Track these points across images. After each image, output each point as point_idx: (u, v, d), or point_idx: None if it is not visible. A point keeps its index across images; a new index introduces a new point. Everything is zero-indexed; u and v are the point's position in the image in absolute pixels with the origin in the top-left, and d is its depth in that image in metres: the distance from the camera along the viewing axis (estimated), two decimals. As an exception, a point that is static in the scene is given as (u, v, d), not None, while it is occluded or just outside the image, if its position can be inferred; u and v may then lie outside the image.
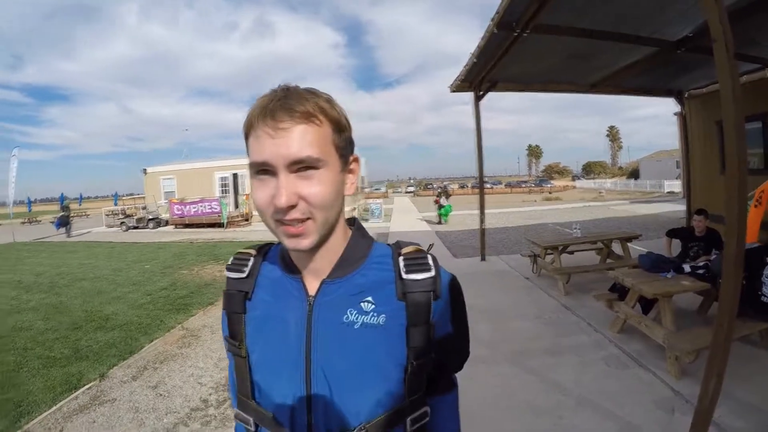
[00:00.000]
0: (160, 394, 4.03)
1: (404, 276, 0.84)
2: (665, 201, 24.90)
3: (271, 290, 0.90)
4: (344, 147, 0.82)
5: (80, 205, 41.42)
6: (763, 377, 3.61)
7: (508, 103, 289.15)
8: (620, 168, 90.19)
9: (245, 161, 0.76)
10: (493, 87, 8.35)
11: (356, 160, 0.87)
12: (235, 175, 23.70)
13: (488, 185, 57.11)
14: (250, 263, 0.94)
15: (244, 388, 0.89)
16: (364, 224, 1.00)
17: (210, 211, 20.54)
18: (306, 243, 0.78)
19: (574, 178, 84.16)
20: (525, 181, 73.28)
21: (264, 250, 0.98)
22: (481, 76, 7.71)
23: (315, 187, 0.75)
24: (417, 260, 0.87)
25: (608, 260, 7.17)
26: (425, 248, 0.92)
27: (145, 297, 7.59)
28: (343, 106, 0.83)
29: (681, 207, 13.66)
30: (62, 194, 33.76)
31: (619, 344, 4.42)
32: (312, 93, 0.78)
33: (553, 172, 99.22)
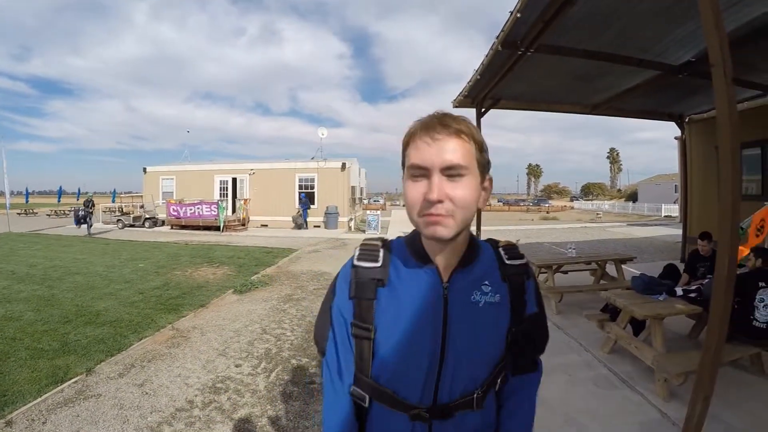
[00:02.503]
0: (146, 393, 4.00)
1: (507, 262, 1.08)
2: (662, 225, 24.95)
3: (405, 278, 1.04)
4: (484, 165, 0.98)
5: (78, 199, 41.30)
6: (752, 403, 3.60)
7: (511, 121, 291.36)
8: (619, 190, 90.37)
9: (245, 166, 0.82)
10: (495, 104, 8.42)
11: (490, 180, 1.03)
12: (234, 180, 23.70)
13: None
14: (381, 254, 1.08)
15: (365, 367, 1.04)
16: (361, 236, 1.14)
17: (207, 213, 20.49)
18: (444, 232, 0.92)
19: (573, 198, 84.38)
20: (523, 200, 73.49)
21: (387, 243, 1.12)
22: (484, 93, 7.77)
23: (459, 190, 0.91)
24: (513, 250, 1.12)
25: (602, 281, 7.17)
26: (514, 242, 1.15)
27: (137, 295, 7.55)
28: (348, 117, 0.94)
29: (677, 231, 13.71)
30: (60, 187, 33.73)
31: (609, 365, 4.42)
32: (463, 118, 0.96)
33: (552, 192, 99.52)
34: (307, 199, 21.99)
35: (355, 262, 1.08)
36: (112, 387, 4.10)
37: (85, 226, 18.98)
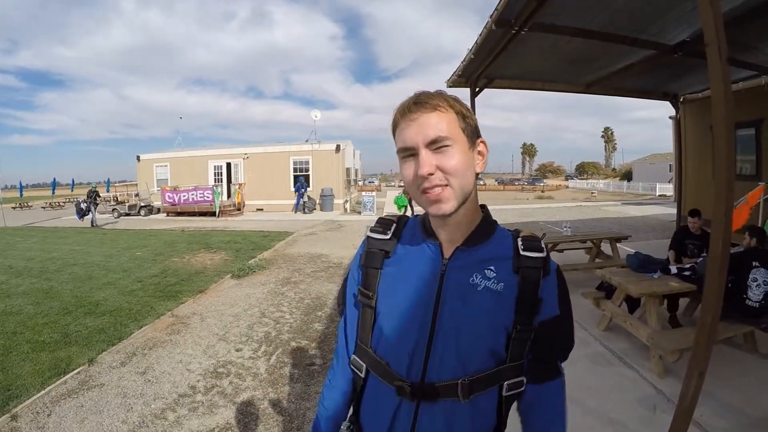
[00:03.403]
0: (149, 380, 4.04)
1: (522, 252, 1.01)
2: (657, 203, 25.05)
3: (410, 251, 1.06)
4: (470, 131, 0.98)
5: (72, 190, 41.03)
6: (746, 379, 3.67)
7: (505, 100, 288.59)
8: (614, 169, 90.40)
9: (239, 151, 0.83)
10: (489, 83, 8.37)
11: (483, 142, 1.03)
12: (228, 165, 23.59)
13: (481, 182, 57.10)
14: (393, 227, 1.11)
15: (365, 336, 1.07)
16: (357, 217, 1.16)
17: (202, 199, 20.42)
18: (447, 207, 0.94)
19: (568, 177, 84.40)
20: (518, 179, 73.58)
21: (403, 220, 1.14)
22: (478, 73, 7.72)
23: (447, 159, 0.92)
24: (532, 241, 1.04)
25: (597, 259, 7.23)
26: (539, 236, 1.08)
27: (135, 284, 7.57)
28: (341, 99, 0.95)
29: (672, 210, 13.76)
30: (54, 179, 33.43)
31: (605, 342, 4.48)
32: (439, 92, 0.98)
33: (547, 171, 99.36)
34: (304, 181, 21.72)
35: (369, 234, 1.13)
36: (115, 376, 4.14)
37: (89, 218, 18.19)
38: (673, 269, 4.65)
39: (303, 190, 21.25)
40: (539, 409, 1.09)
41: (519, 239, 1.04)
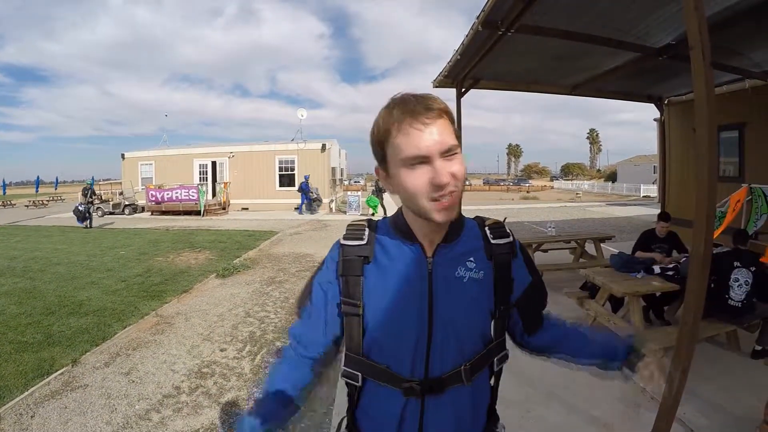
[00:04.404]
0: (133, 381, 4.00)
1: (492, 241, 1.09)
2: (641, 204, 25.37)
3: (391, 255, 1.06)
4: (459, 135, 0.99)
5: (56, 189, 40.44)
6: (728, 378, 3.74)
7: (491, 101, 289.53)
8: (598, 171, 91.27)
9: (225, 149, 0.82)
10: (475, 84, 8.39)
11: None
12: (214, 163, 23.42)
13: (467, 183, 57.31)
14: (366, 233, 1.10)
15: (356, 346, 1.06)
16: (342, 217, 1.16)
17: (187, 198, 20.25)
18: (454, 213, 0.97)
19: (553, 178, 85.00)
20: (503, 180, 74.04)
21: (372, 223, 1.14)
22: (464, 73, 7.74)
23: (458, 166, 0.93)
24: (499, 229, 1.12)
25: (581, 259, 7.30)
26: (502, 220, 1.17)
27: (119, 283, 7.49)
28: (327, 98, 0.93)
29: (655, 211, 13.92)
30: (38, 177, 32.94)
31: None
32: (429, 95, 0.97)
33: (532, 171, 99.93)
34: (307, 184, 20.40)
35: (342, 242, 1.10)
36: (99, 377, 4.09)
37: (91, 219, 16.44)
38: (657, 269, 4.71)
39: (308, 189, 20.48)
40: (558, 334, 1.27)
41: (486, 228, 1.12)
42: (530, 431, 3.13)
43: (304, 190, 20.29)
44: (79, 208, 16.46)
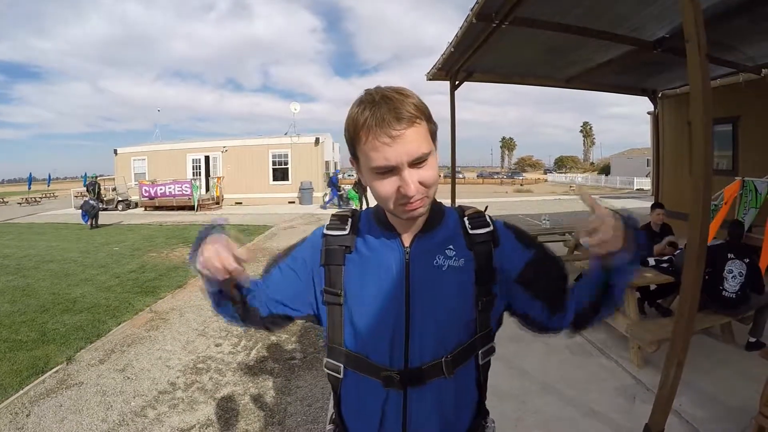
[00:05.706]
0: (128, 378, 3.99)
1: (471, 231, 1.07)
2: (634, 197, 25.46)
3: (370, 245, 1.07)
4: (434, 132, 0.97)
5: (48, 185, 40.10)
6: (723, 369, 3.76)
7: (485, 94, 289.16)
8: (592, 164, 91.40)
9: (218, 144, 0.80)
10: (469, 77, 8.36)
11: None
12: (207, 158, 23.25)
13: (461, 176, 57.38)
14: (349, 223, 1.11)
15: (338, 336, 1.06)
16: (335, 210, 1.16)
17: (180, 193, 20.15)
18: (420, 212, 0.96)
19: (546, 171, 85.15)
20: (497, 173, 74.16)
21: (356, 214, 1.15)
22: (458, 66, 7.71)
23: (427, 172, 0.92)
24: (478, 218, 1.10)
25: (575, 252, 7.32)
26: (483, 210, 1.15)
27: (113, 279, 7.46)
28: (321, 92, 0.91)
29: (649, 203, 13.96)
30: (30, 174, 32.63)
31: (584, 333, 4.54)
32: (403, 94, 0.91)
33: (526, 165, 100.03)
34: (336, 181, 20.12)
35: (325, 231, 1.12)
36: (94, 374, 4.07)
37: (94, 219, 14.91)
38: (651, 261, 4.73)
39: (337, 185, 20.04)
40: (585, 286, 1.07)
41: (465, 218, 1.09)
42: (527, 423, 3.14)
43: (334, 183, 20.04)
44: (91, 202, 15.10)
